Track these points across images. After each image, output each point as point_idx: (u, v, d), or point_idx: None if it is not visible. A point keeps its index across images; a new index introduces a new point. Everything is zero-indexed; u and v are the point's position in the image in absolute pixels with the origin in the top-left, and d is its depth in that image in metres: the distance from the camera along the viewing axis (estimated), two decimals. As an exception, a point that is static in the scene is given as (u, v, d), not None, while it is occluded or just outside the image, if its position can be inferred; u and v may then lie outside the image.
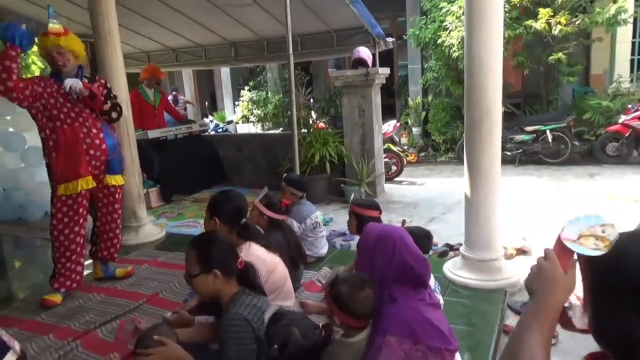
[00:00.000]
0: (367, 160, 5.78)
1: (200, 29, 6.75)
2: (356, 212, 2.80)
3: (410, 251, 1.82)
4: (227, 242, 1.98)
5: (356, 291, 1.73)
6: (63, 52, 3.12)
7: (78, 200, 3.16)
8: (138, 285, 3.48)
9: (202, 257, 1.90)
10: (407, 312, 1.74)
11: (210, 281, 1.89)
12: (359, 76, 5.55)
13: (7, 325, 2.96)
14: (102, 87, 3.31)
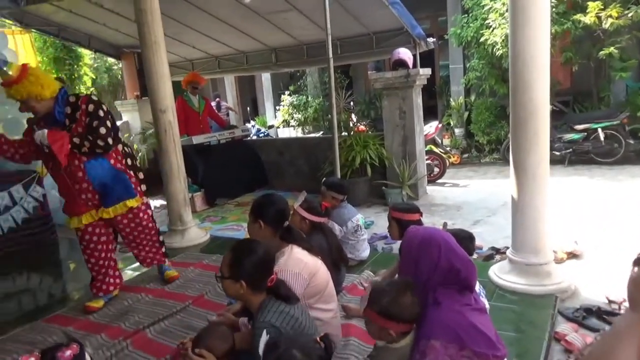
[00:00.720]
0: (409, 163, 5.70)
1: (242, 36, 6.88)
2: (396, 217, 2.76)
3: (456, 254, 1.77)
4: (263, 257, 1.95)
5: (400, 296, 1.70)
6: (22, 101, 2.95)
7: (88, 230, 3.22)
8: (184, 287, 3.58)
9: (235, 264, 1.93)
10: (452, 316, 1.70)
11: (237, 287, 1.92)
12: (400, 78, 5.49)
13: (63, 324, 3.12)
14: (83, 115, 3.04)
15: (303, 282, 2.22)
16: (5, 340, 2.97)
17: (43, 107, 2.99)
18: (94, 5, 5.94)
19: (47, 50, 8.84)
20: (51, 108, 2.99)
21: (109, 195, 3.17)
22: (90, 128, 3.01)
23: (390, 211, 2.83)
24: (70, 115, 3.03)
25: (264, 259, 1.96)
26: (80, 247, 3.32)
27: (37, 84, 2.88)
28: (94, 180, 3.10)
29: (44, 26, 6.81)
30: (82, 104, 3.03)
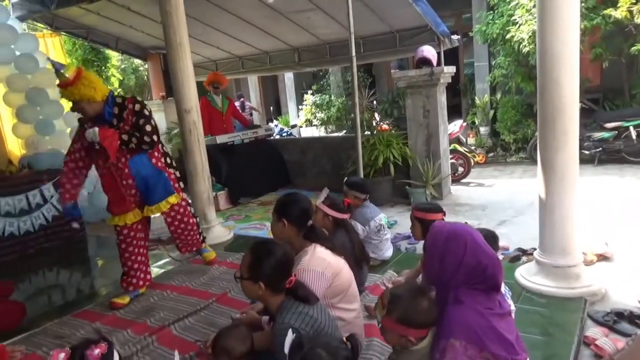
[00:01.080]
0: (433, 162, 5.64)
1: (265, 36, 6.92)
2: (419, 217, 2.73)
3: (482, 250, 1.72)
4: (282, 259, 1.95)
5: (417, 301, 1.65)
6: (75, 102, 3.11)
7: (132, 227, 3.38)
8: (208, 284, 3.61)
9: (253, 265, 1.94)
10: (473, 316, 1.66)
11: (256, 288, 1.93)
12: (423, 76, 5.43)
13: (90, 319, 3.19)
14: (130, 114, 3.22)
15: (326, 281, 2.21)
16: (36, 334, 3.05)
17: (93, 110, 3.15)
18: (121, 7, 6.06)
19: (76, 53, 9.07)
20: (101, 110, 3.16)
21: (152, 193, 3.33)
22: (137, 126, 3.20)
23: (412, 211, 2.80)
24: (117, 115, 3.21)
25: (282, 261, 1.95)
26: (116, 241, 3.44)
27: (90, 87, 3.05)
28: (136, 177, 3.27)
29: (73, 29, 6.98)
30: (129, 104, 3.23)
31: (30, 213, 4.89)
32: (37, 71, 5.57)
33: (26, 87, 5.47)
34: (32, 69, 5.52)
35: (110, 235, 5.37)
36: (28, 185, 4.92)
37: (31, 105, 5.52)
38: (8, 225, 4.71)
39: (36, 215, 4.95)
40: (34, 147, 5.44)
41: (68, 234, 5.23)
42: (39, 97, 5.50)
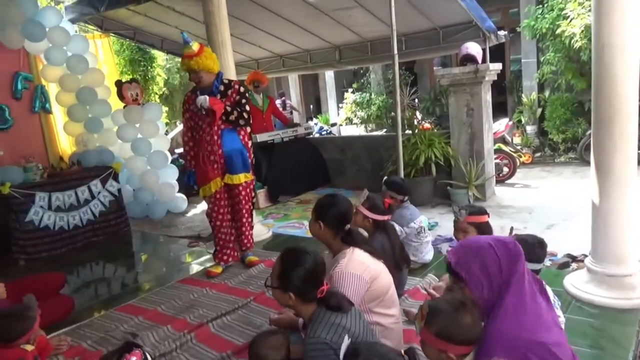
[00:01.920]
0: (476, 162, 5.46)
1: (306, 34, 6.90)
2: (475, 222, 2.63)
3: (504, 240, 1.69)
4: (311, 269, 1.90)
5: (459, 315, 1.54)
6: (196, 72, 3.58)
7: (217, 197, 3.77)
8: (246, 283, 3.64)
9: (282, 275, 1.92)
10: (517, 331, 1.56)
11: (286, 298, 1.91)
12: (468, 73, 5.27)
13: (134, 313, 3.27)
14: (235, 92, 3.72)
15: (364, 285, 2.16)
16: (82, 326, 3.15)
17: (207, 80, 3.63)
18: (167, 8, 6.18)
19: (124, 53, 9.34)
20: (211, 83, 3.65)
21: (235, 164, 3.73)
22: (239, 104, 3.69)
23: (465, 218, 2.68)
24: (222, 92, 3.69)
25: (311, 271, 1.90)
26: (209, 217, 3.84)
27: (210, 60, 3.61)
28: (225, 147, 3.69)
29: (121, 30, 7.18)
30: (235, 84, 3.77)
31: (78, 208, 5.07)
32: (87, 71, 5.78)
33: (77, 87, 5.69)
34: (83, 70, 5.73)
35: (154, 232, 5.55)
36: (77, 181, 5.11)
37: (81, 105, 5.74)
38: (58, 220, 4.90)
39: (84, 210, 5.13)
40: (84, 144, 5.65)
41: (114, 229, 5.41)
42: (88, 96, 5.70)
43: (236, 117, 3.65)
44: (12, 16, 5.14)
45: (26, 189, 4.70)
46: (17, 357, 2.17)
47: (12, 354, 2.18)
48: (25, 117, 5.60)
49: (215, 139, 3.67)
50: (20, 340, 2.20)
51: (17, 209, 4.63)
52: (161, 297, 3.53)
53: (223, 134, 3.69)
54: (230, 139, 3.71)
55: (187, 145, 3.85)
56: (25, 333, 2.22)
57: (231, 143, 3.71)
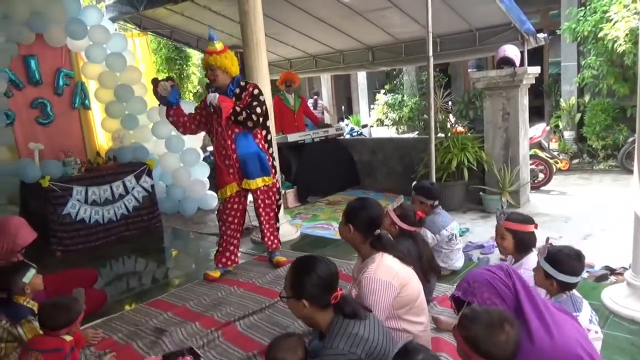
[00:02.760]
0: (511, 167, 5.32)
1: (340, 35, 6.88)
2: (513, 229, 2.54)
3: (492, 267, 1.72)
4: (324, 275, 1.88)
5: (494, 333, 1.48)
6: (214, 69, 3.57)
7: (231, 200, 3.75)
8: (274, 283, 3.64)
9: (295, 284, 1.90)
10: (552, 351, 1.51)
11: (300, 307, 1.88)
12: (505, 76, 5.14)
13: (163, 308, 3.32)
14: (248, 95, 3.65)
15: (393, 291, 2.12)
16: (113, 319, 3.22)
17: (223, 81, 3.61)
18: (203, 8, 6.28)
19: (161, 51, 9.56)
20: (226, 85, 3.63)
21: (251, 168, 3.68)
22: (249, 105, 3.61)
23: (503, 224, 2.59)
24: (237, 95, 3.66)
25: (324, 277, 1.87)
26: (218, 217, 3.85)
27: (230, 60, 3.58)
28: (239, 151, 3.64)
29: (159, 29, 7.34)
30: (250, 87, 3.69)
31: (113, 203, 5.20)
32: (125, 69, 5.92)
33: (115, 84, 5.84)
34: (121, 67, 5.87)
35: (185, 228, 5.64)
36: (112, 176, 5.23)
37: (119, 101, 5.89)
38: (94, 213, 5.04)
39: (118, 205, 5.26)
40: (120, 140, 5.79)
41: (146, 224, 5.52)
42: (126, 93, 5.84)
43: (244, 118, 3.55)
44: (56, 15, 5.31)
45: (64, 183, 4.85)
46: (57, 345, 2.24)
47: (51, 342, 2.24)
48: (65, 113, 5.78)
49: (229, 144, 3.62)
50: (63, 330, 2.27)
51: (55, 202, 4.79)
52: (190, 293, 3.58)
53: (237, 138, 3.63)
54: (245, 143, 3.66)
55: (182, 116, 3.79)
56: (70, 324, 2.29)
57: (246, 147, 3.66)
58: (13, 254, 2.90)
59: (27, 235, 2.97)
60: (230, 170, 3.68)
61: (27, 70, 5.39)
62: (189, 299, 3.44)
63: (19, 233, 2.88)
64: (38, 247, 4.76)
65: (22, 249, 2.94)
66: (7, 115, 5.15)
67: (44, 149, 5.09)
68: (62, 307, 2.28)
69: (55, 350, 2.22)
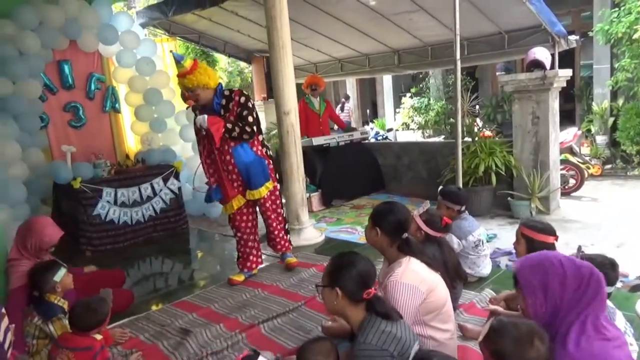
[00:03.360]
0: (540, 173, 5.19)
1: (366, 38, 6.87)
2: (527, 236, 2.48)
3: (575, 260, 1.60)
4: (362, 271, 1.91)
5: (524, 348, 1.43)
6: (193, 89, 3.40)
7: (239, 212, 3.74)
8: (298, 286, 3.64)
9: (332, 272, 1.94)
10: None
11: (333, 297, 1.90)
12: (534, 80, 5.02)
13: (189, 309, 3.35)
14: (235, 105, 3.51)
15: (419, 296, 2.09)
16: (140, 319, 3.27)
17: (205, 96, 3.47)
18: (230, 13, 6.36)
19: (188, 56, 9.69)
20: (210, 99, 3.49)
21: (254, 178, 3.61)
22: (240, 117, 3.49)
23: (520, 227, 2.56)
24: (224, 106, 3.52)
25: (362, 272, 1.91)
26: (232, 226, 3.84)
27: (205, 75, 3.40)
28: (239, 164, 3.57)
29: (187, 34, 7.47)
30: (236, 96, 3.53)
31: (141, 204, 5.29)
32: (154, 73, 6.04)
33: (144, 88, 5.96)
34: (150, 72, 5.99)
35: (210, 230, 5.70)
36: (141, 178, 5.33)
37: (148, 105, 6.01)
38: (123, 215, 5.14)
39: (146, 206, 5.35)
40: (148, 143, 5.90)
41: (173, 225, 5.60)
42: (154, 97, 5.96)
43: (239, 133, 3.47)
44: (89, 21, 5.47)
45: (95, 185, 4.96)
46: (87, 344, 2.29)
47: (82, 341, 2.30)
48: (96, 116, 5.93)
49: (227, 159, 3.57)
50: (93, 331, 2.32)
51: (85, 203, 4.90)
52: (215, 295, 3.61)
53: (235, 151, 3.56)
54: (243, 154, 3.58)
55: (205, 164, 3.71)
56: (99, 325, 2.34)
57: (246, 157, 3.58)
58: (42, 252, 2.96)
59: (54, 233, 3.01)
60: (235, 184, 3.63)
61: (60, 75, 5.56)
62: (214, 301, 3.47)
63: (45, 231, 2.93)
64: (68, 247, 4.93)
65: (49, 247, 2.99)
66: (41, 118, 5.33)
67: (76, 152, 5.23)
68: (92, 308, 2.33)
69: (86, 349, 2.27)
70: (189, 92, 3.42)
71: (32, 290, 2.65)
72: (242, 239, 3.82)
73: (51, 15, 5.19)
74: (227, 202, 3.68)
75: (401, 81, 13.72)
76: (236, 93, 3.55)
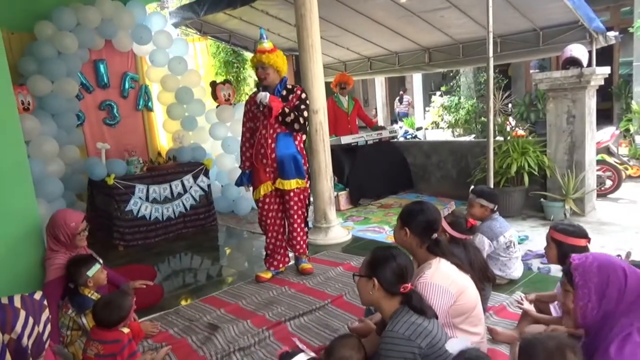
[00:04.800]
0: (575, 173, 5.03)
1: (395, 36, 6.80)
2: (557, 239, 2.40)
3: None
4: (401, 265, 1.92)
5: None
6: (266, 67, 3.58)
7: (266, 201, 3.78)
8: (325, 284, 3.63)
9: (371, 263, 1.95)
10: None
11: (369, 287, 1.91)
12: (571, 77, 4.86)
13: (217, 305, 3.39)
14: (295, 98, 3.67)
15: (449, 298, 2.05)
16: (169, 314, 3.33)
17: (273, 80, 3.64)
18: (261, 12, 6.40)
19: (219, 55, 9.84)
20: (275, 85, 3.67)
21: (287, 169, 3.68)
22: (297, 108, 3.65)
23: (550, 230, 2.48)
24: (284, 96, 3.69)
25: (401, 266, 1.92)
26: (260, 224, 3.91)
27: (281, 60, 3.63)
28: (278, 151, 3.66)
29: (218, 33, 7.54)
30: (298, 90, 3.73)
31: (172, 201, 5.39)
32: (186, 72, 6.14)
33: (176, 87, 6.06)
34: (182, 71, 6.10)
35: (238, 227, 5.76)
36: (172, 175, 5.42)
37: (179, 104, 6.11)
38: (154, 211, 5.25)
39: (177, 203, 5.44)
40: (179, 141, 6.00)
41: (202, 222, 5.68)
42: (186, 96, 6.06)
43: (292, 120, 3.60)
44: (123, 22, 5.60)
45: (127, 181, 5.08)
46: (115, 337, 2.34)
47: (111, 335, 2.35)
48: (130, 114, 6.08)
49: (269, 142, 3.64)
50: (118, 326, 2.37)
51: (119, 199, 5.02)
52: (242, 291, 3.64)
53: (278, 138, 3.65)
54: (284, 144, 3.67)
55: (244, 146, 3.83)
56: (123, 320, 2.39)
57: (285, 148, 3.67)
58: (76, 240, 2.91)
59: (75, 216, 2.96)
60: (267, 169, 3.69)
61: (96, 74, 5.73)
62: (242, 297, 3.50)
63: (67, 219, 2.91)
64: (103, 241, 5.07)
65: (79, 231, 2.92)
66: (77, 116, 5.49)
67: (110, 149, 5.37)
68: (113, 306, 2.37)
69: (114, 342, 2.33)
70: (261, 69, 3.59)
71: (67, 282, 2.73)
72: (268, 236, 3.86)
73: (88, 16, 5.34)
74: (257, 186, 3.75)
75: (431, 79, 13.56)
76: (298, 88, 3.76)
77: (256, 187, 3.77)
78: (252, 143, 3.77)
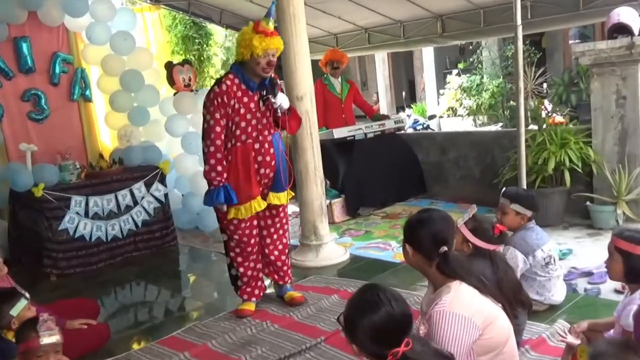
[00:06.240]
0: (629, 169, 5.11)
1: (399, 1, 6.84)
2: (623, 249, 2.43)
3: None
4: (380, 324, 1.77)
5: None
6: (275, 53, 3.53)
7: (247, 222, 3.69)
8: (317, 317, 3.64)
9: (348, 320, 1.85)
10: None
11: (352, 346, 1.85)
12: (619, 49, 4.95)
13: (179, 348, 3.39)
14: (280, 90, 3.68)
15: (474, 331, 2.07)
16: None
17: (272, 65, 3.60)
18: (227, -27, 6.43)
19: (176, 29, 9.86)
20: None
21: (282, 179, 3.74)
22: None
23: (614, 239, 2.51)
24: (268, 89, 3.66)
25: (380, 327, 1.78)
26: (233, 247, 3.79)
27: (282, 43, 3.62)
28: (277, 156, 3.70)
29: (173, 1, 7.56)
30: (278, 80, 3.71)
31: (119, 216, 5.37)
32: (133, 51, 6.12)
33: (121, 70, 6.04)
34: (128, 49, 6.08)
35: (205, 247, 5.75)
36: (118, 183, 5.40)
37: (125, 91, 6.09)
38: (95, 229, 5.21)
39: (125, 219, 5.42)
40: (127, 139, 5.99)
41: (158, 242, 5.67)
42: (134, 81, 6.04)
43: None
44: (51, -12, 5.57)
45: (61, 192, 5.04)
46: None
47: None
48: (62, 106, 6.05)
49: (266, 147, 3.63)
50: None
51: (49, 215, 4.99)
52: (212, 329, 3.62)
53: (274, 138, 3.70)
54: (280, 148, 3.73)
55: (219, 152, 3.52)
56: None
57: (281, 152, 3.74)
58: None
59: None
60: (263, 181, 3.68)
61: (17, 55, 5.68)
62: (211, 337, 3.48)
63: None
64: (30, 270, 5.03)
65: None
66: (-6, 110, 5.45)
67: (37, 151, 5.33)
68: None
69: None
70: (272, 57, 3.50)
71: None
72: (247, 259, 3.78)
73: (5, -18, 5.31)
74: (246, 203, 3.60)
75: (446, 55, 13.68)
76: (276, 76, 3.74)
77: (243, 203, 3.60)
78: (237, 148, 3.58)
